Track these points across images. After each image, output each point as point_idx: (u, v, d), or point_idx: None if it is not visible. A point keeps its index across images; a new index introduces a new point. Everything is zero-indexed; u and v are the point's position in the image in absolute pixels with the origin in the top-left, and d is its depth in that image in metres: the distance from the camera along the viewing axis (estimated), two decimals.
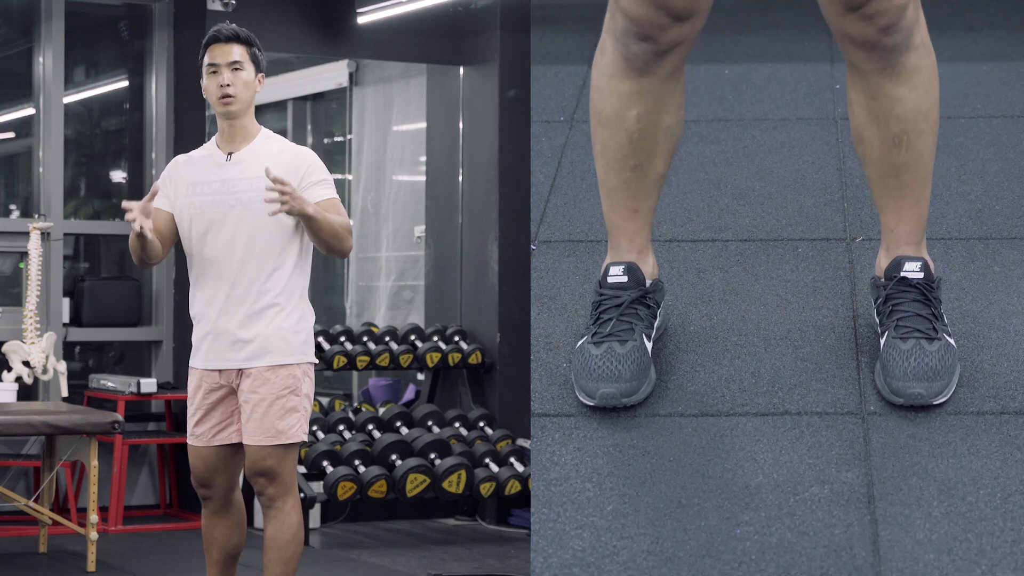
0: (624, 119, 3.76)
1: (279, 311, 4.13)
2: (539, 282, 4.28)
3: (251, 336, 4.12)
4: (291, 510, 4.14)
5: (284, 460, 4.13)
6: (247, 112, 4.19)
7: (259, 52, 4.23)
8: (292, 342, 4.14)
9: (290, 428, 4.11)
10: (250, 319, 4.12)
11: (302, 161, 4.15)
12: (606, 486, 3.53)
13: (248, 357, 4.12)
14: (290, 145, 4.23)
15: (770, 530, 3.38)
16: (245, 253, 4.11)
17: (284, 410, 4.10)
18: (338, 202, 4.17)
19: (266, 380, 4.10)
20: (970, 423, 3.68)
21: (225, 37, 4.19)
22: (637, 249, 3.90)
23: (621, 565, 3.31)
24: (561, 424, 3.73)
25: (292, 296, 4.15)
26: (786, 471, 3.55)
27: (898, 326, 3.79)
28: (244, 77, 4.17)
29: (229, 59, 4.16)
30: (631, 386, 3.72)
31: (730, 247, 4.41)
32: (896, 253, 3.90)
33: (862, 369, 3.88)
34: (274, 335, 4.12)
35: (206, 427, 4.20)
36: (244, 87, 4.16)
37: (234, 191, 4.14)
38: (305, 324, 4.19)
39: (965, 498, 3.45)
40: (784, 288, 4.22)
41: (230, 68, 4.15)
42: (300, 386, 4.13)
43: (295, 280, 4.16)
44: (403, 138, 8.64)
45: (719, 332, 4.04)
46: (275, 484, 4.13)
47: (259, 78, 4.22)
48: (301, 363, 4.15)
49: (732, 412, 3.75)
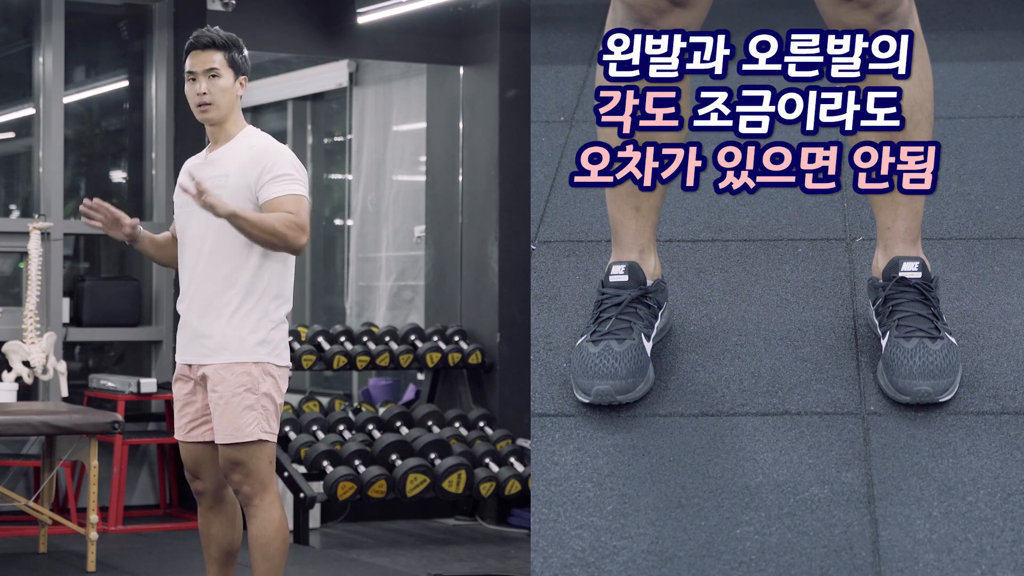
0: None
1: (237, 310, 4.15)
2: (539, 282, 4.28)
3: (210, 332, 4.16)
4: (269, 507, 4.16)
5: (253, 457, 4.14)
6: (228, 117, 4.23)
7: (239, 56, 4.23)
8: (247, 341, 4.14)
9: (247, 426, 4.12)
10: (210, 316, 4.17)
11: (264, 157, 4.16)
12: (606, 486, 3.53)
13: (207, 353, 4.17)
14: (261, 141, 4.23)
15: (770, 530, 3.38)
16: (210, 251, 4.16)
17: (241, 408, 4.12)
18: (295, 198, 4.13)
19: (223, 378, 4.14)
20: (970, 423, 3.68)
21: (202, 44, 4.22)
22: (639, 247, 3.90)
23: (621, 565, 3.30)
24: (561, 424, 3.73)
25: (254, 295, 4.15)
26: (786, 471, 3.55)
27: (900, 326, 3.79)
28: (221, 84, 4.19)
29: (206, 66, 4.19)
30: (626, 384, 3.73)
31: (730, 247, 4.41)
32: (893, 252, 3.90)
33: (862, 369, 3.88)
34: (231, 333, 4.14)
35: (183, 421, 4.27)
36: (221, 93, 4.19)
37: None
38: (265, 324, 4.16)
39: (965, 498, 3.45)
40: (784, 288, 4.22)
41: (207, 75, 4.19)
42: (257, 385, 4.13)
43: (260, 279, 4.16)
44: (403, 138, 8.64)
45: (719, 332, 4.04)
46: (248, 481, 4.15)
47: (240, 81, 4.23)
48: (259, 362, 4.15)
49: (732, 412, 3.75)
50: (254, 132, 4.27)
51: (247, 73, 4.26)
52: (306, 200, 4.17)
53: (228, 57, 4.21)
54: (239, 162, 4.17)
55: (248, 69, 4.27)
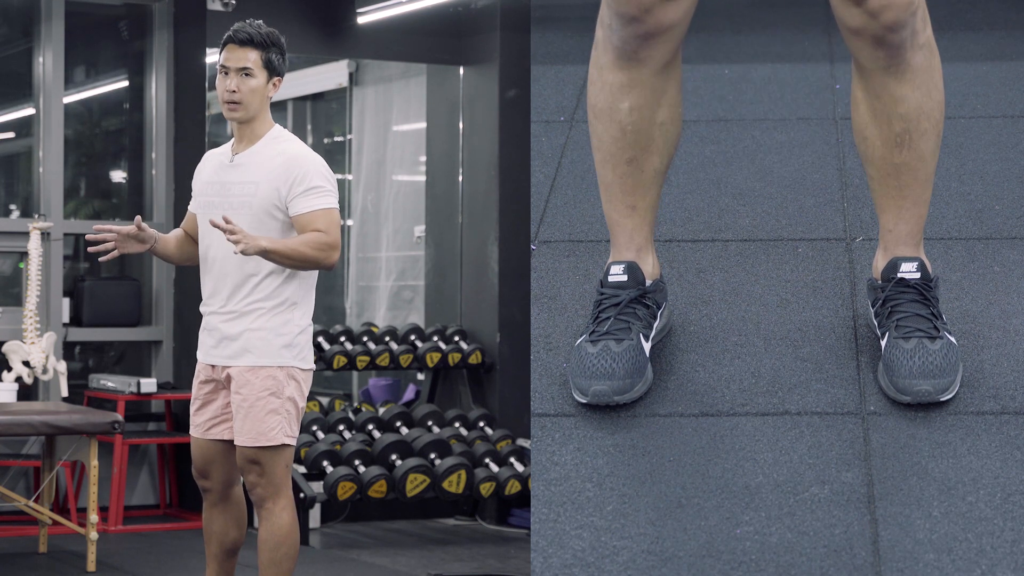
0: (616, 111, 3.75)
1: (263, 314, 4.12)
2: (539, 282, 4.28)
3: (235, 335, 4.14)
4: (281, 511, 4.15)
5: (272, 460, 4.13)
6: (257, 117, 4.15)
7: (276, 56, 4.15)
8: (273, 344, 4.12)
9: (271, 430, 4.11)
10: (236, 319, 4.14)
11: (293, 168, 4.09)
12: (606, 486, 3.53)
13: (231, 356, 4.15)
14: (291, 146, 4.16)
15: (770, 530, 3.38)
16: (236, 256, 4.09)
17: (265, 412, 4.10)
18: (325, 213, 4.08)
19: (247, 381, 4.12)
20: (970, 423, 3.68)
21: (240, 40, 4.13)
22: (636, 247, 3.90)
23: (621, 565, 3.30)
24: (561, 424, 3.73)
25: (279, 299, 4.13)
26: (786, 471, 3.55)
27: (899, 326, 3.79)
28: (253, 84, 4.11)
29: (239, 64, 4.11)
30: (624, 384, 3.72)
31: (730, 247, 4.41)
32: (893, 253, 3.90)
33: (862, 369, 3.88)
34: (255, 337, 4.12)
35: (202, 418, 4.24)
36: (251, 93, 4.11)
37: (230, 195, 4.15)
38: (291, 328, 4.15)
39: (965, 498, 3.45)
40: (784, 288, 4.22)
41: (239, 73, 4.11)
42: (282, 389, 4.12)
43: (285, 284, 4.14)
44: (403, 138, 8.64)
45: (719, 332, 4.04)
46: (264, 484, 4.14)
47: (274, 82, 4.15)
48: (284, 366, 4.13)
49: (732, 412, 3.75)
50: (281, 134, 4.19)
51: (283, 74, 4.17)
52: (337, 212, 4.12)
53: (265, 57, 4.12)
54: (267, 169, 4.10)
55: (284, 70, 4.18)
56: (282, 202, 4.09)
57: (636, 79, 3.70)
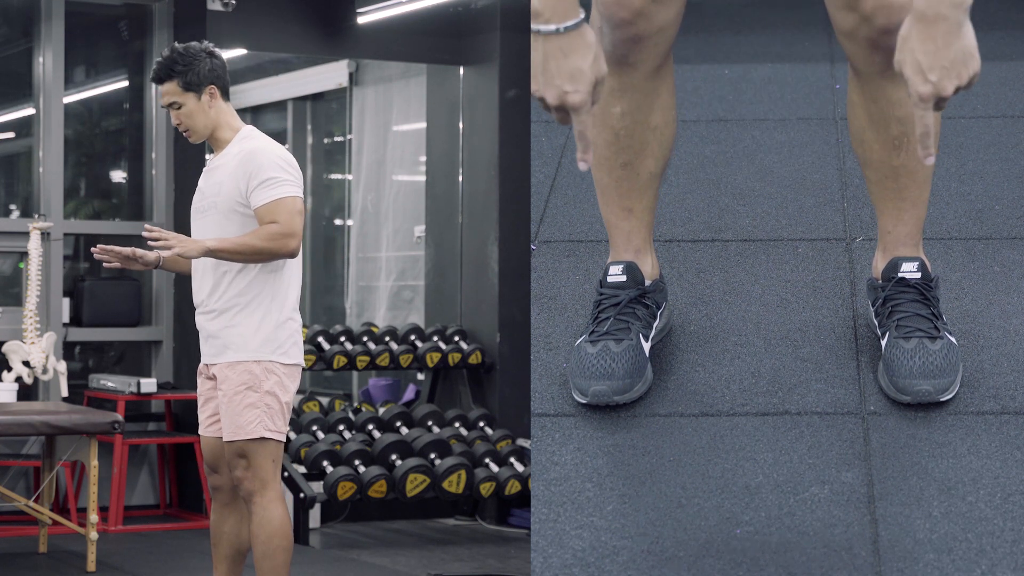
0: (608, 116, 3.75)
1: (240, 310, 4.20)
2: (539, 282, 4.28)
3: (216, 333, 4.23)
4: (270, 504, 4.19)
5: (255, 454, 4.18)
6: (214, 130, 4.28)
7: (191, 73, 4.23)
8: (250, 339, 4.18)
9: (249, 424, 4.16)
10: (216, 317, 4.23)
11: (249, 163, 4.18)
12: (606, 486, 3.53)
13: (215, 353, 4.24)
14: (249, 143, 4.24)
15: (770, 530, 3.38)
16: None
17: (242, 406, 4.17)
18: (280, 203, 4.14)
19: (226, 377, 4.20)
20: (970, 423, 3.68)
21: (157, 79, 4.29)
22: (634, 249, 3.90)
23: (621, 565, 3.31)
24: (561, 424, 3.73)
25: (257, 296, 4.19)
26: (786, 471, 3.55)
27: (899, 326, 3.79)
28: (186, 111, 4.26)
29: (166, 101, 4.29)
30: (623, 384, 3.72)
31: (730, 247, 4.41)
32: (893, 253, 3.90)
33: (862, 369, 3.88)
34: (233, 333, 4.19)
35: (204, 416, 4.34)
36: (189, 118, 4.26)
37: (205, 199, 4.29)
38: (268, 322, 4.19)
39: (965, 498, 3.45)
40: (784, 288, 4.22)
41: (172, 108, 4.28)
42: (259, 383, 4.17)
43: (261, 281, 4.20)
44: (403, 138, 8.64)
45: (719, 332, 4.04)
46: (250, 478, 4.19)
47: (208, 93, 4.25)
48: (261, 360, 4.17)
49: (732, 412, 3.75)
50: (250, 134, 4.30)
51: (212, 81, 4.26)
52: (295, 200, 4.17)
53: (182, 83, 4.24)
54: (231, 168, 4.22)
55: (211, 76, 4.26)
56: (243, 197, 4.18)
57: (627, 84, 3.70)
